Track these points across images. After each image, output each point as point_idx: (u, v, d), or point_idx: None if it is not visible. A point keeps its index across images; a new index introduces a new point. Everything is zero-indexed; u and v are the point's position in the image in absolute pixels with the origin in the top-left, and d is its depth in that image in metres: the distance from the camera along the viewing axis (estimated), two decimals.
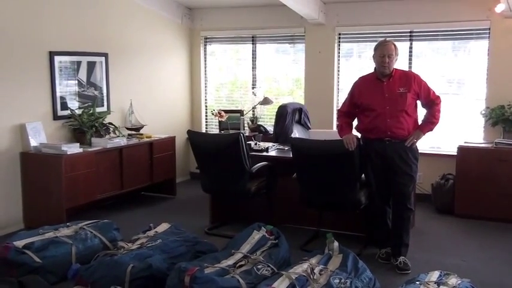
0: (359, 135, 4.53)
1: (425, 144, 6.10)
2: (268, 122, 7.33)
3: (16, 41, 5.28)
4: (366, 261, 4.11)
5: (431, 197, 6.19)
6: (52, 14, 5.65)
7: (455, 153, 5.89)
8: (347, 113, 4.59)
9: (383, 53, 4.28)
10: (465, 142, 5.96)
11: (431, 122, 4.42)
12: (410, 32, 6.53)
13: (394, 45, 4.33)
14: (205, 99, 7.97)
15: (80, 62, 6.00)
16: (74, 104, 5.93)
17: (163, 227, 4.60)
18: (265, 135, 6.63)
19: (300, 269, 3.62)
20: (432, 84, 4.50)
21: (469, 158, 5.77)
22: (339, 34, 6.90)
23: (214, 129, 7.81)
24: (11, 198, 5.34)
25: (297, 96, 7.43)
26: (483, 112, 6.13)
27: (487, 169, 5.68)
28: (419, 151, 4.50)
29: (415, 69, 6.38)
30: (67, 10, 5.82)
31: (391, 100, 4.31)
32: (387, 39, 4.47)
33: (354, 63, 7.04)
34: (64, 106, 5.81)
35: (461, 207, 5.83)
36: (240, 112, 7.13)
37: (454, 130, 6.37)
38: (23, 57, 5.36)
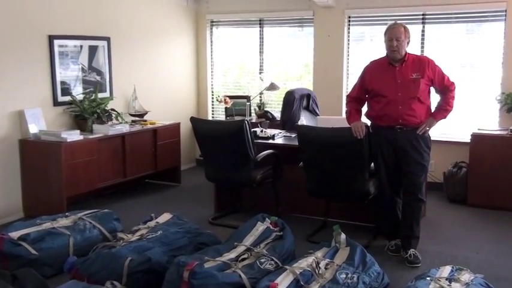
0: (368, 122, 4.33)
1: (437, 131, 5.88)
2: (276, 108, 7.13)
3: (14, 24, 5.11)
4: (375, 254, 3.97)
5: (443, 185, 5.98)
6: None
7: (469, 141, 5.67)
8: (356, 98, 4.38)
9: (391, 36, 4.07)
10: (479, 129, 5.74)
11: (445, 109, 4.21)
12: (422, 14, 6.28)
13: (404, 28, 4.11)
14: (212, 85, 7.79)
15: (81, 46, 5.83)
16: (75, 90, 5.76)
17: (165, 217, 4.46)
18: (272, 122, 6.46)
19: (305, 263, 3.46)
20: (445, 69, 4.29)
21: (483, 146, 5.56)
22: (349, 17, 6.67)
23: (221, 116, 7.63)
24: (10, 187, 5.20)
25: (305, 82, 7.23)
26: (498, 98, 5.91)
27: (502, 157, 5.46)
28: (431, 138, 4.30)
29: (427, 54, 6.16)
30: None
31: (403, 86, 4.10)
32: (397, 22, 4.24)
33: (366, 47, 6.78)
34: (65, 92, 5.65)
35: (474, 197, 5.63)
36: (247, 98, 6.95)
37: (468, 116, 6.15)
38: (21, 41, 5.19)
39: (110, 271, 3.52)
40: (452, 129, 6.23)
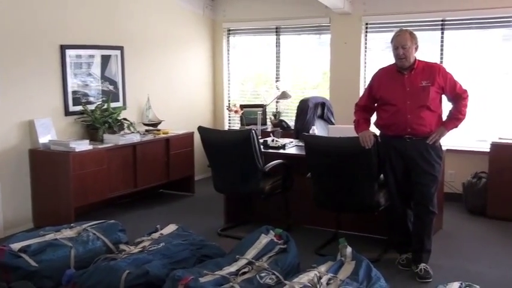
0: (377, 131, 4.19)
1: (456, 140, 5.69)
2: (292, 117, 7.02)
3: (25, 34, 5.13)
4: (385, 267, 3.84)
5: (463, 196, 5.77)
6: (63, 5, 5.48)
7: (488, 150, 5.45)
8: (365, 107, 4.25)
9: (397, 44, 3.94)
10: (499, 138, 5.52)
11: (456, 118, 4.04)
12: (442, 20, 6.10)
13: (410, 34, 3.96)
14: (229, 94, 7.72)
15: (93, 55, 5.82)
16: (86, 100, 5.76)
17: (170, 228, 4.38)
18: (286, 131, 6.35)
19: (306, 278, 3.33)
20: (463, 75, 4.11)
21: (504, 155, 5.33)
22: (366, 24, 6.53)
23: (238, 125, 7.55)
24: (20, 197, 5.21)
25: (323, 90, 7.09)
26: None
27: None
28: (448, 147, 4.13)
29: (446, 60, 5.99)
30: (78, 1, 5.65)
31: (412, 94, 3.96)
32: (402, 28, 4.11)
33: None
34: (76, 101, 5.65)
35: (494, 208, 5.40)
36: (262, 106, 6.85)
37: (487, 125, 5.93)
38: (32, 51, 5.21)
39: (106, 284, 3.45)
40: (471, 138, 6.01)
